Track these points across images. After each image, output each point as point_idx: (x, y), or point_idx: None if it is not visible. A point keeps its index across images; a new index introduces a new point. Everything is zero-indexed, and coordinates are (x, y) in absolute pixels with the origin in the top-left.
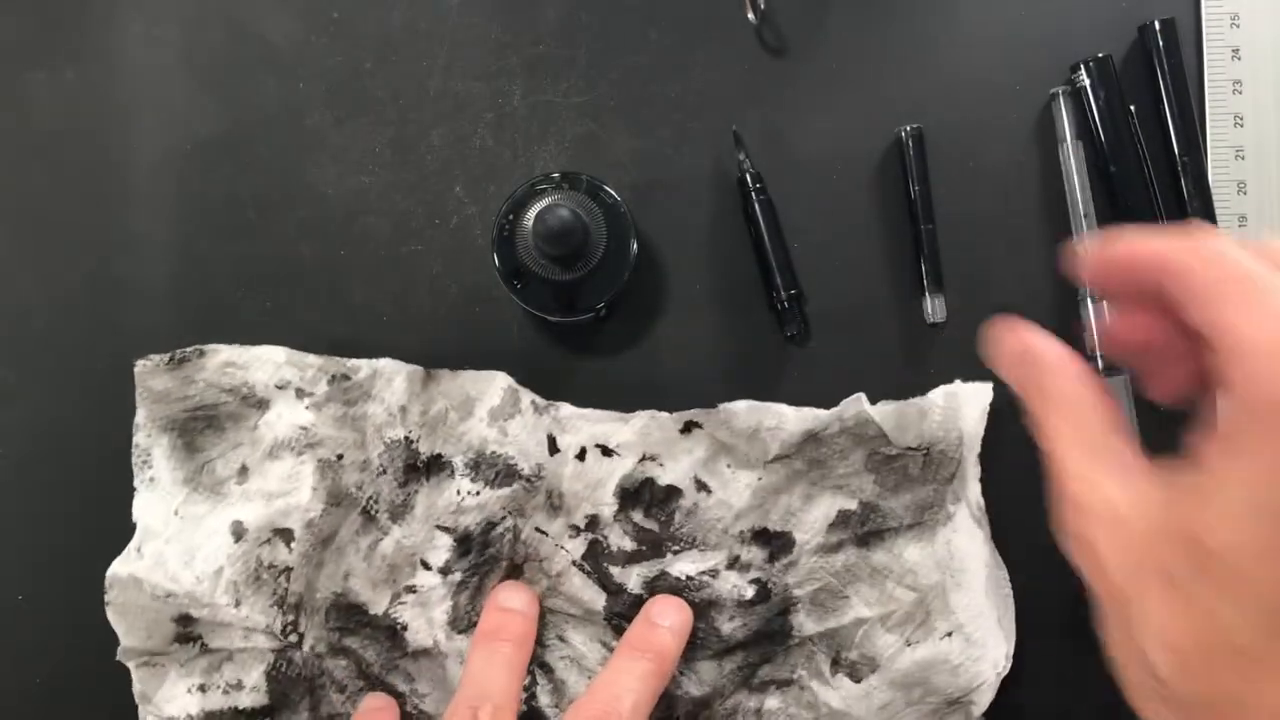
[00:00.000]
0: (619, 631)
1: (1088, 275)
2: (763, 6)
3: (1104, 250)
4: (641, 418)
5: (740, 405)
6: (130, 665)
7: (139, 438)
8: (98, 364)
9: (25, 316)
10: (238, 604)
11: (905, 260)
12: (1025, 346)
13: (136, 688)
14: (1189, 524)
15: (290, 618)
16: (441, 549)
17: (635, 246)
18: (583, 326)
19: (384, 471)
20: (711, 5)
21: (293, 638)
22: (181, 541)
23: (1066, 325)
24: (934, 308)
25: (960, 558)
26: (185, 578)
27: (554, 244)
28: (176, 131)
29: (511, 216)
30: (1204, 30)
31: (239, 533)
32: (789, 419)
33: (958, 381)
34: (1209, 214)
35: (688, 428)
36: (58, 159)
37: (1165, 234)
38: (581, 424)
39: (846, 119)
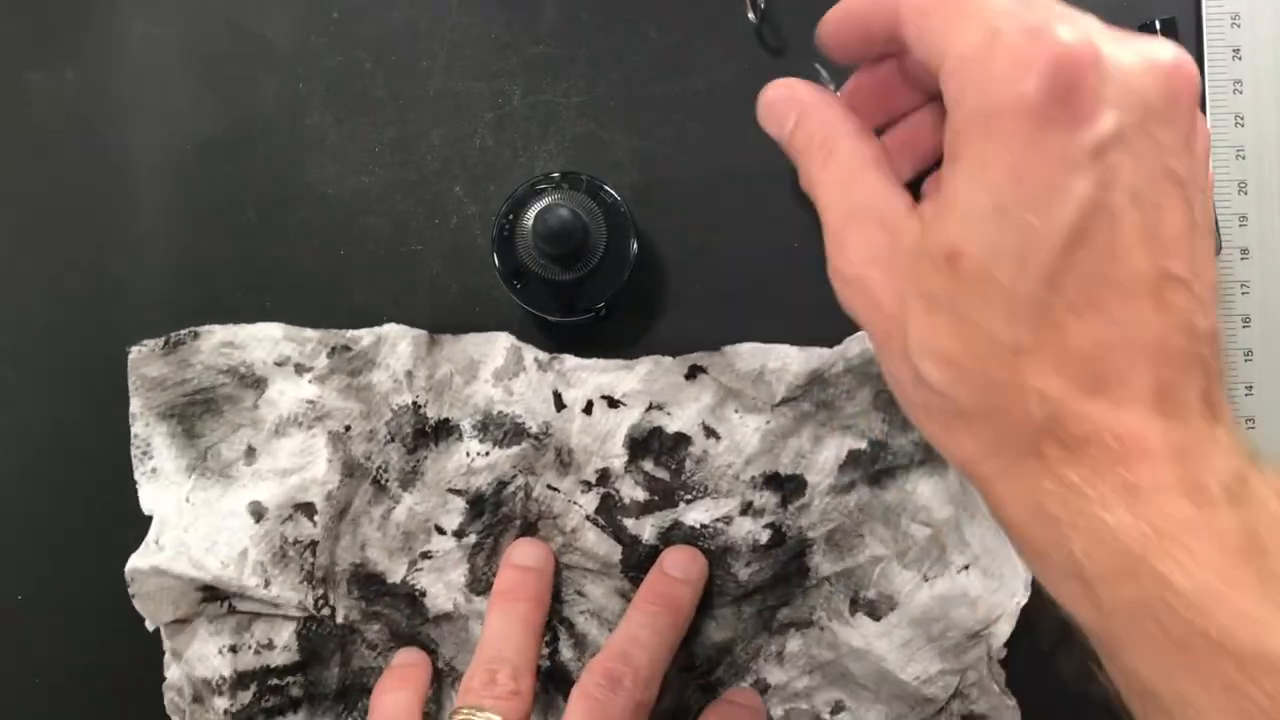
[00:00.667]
0: (636, 583)
1: (826, 35)
2: (763, 6)
3: (838, 10)
4: (646, 364)
5: (744, 347)
6: (161, 627)
7: (137, 427)
8: (97, 364)
9: (25, 316)
10: (267, 584)
11: None
12: (790, 94)
13: (167, 645)
14: (940, 241)
15: (320, 591)
16: (454, 512)
17: (635, 246)
18: (583, 326)
19: (392, 439)
20: (711, 5)
21: (325, 611)
22: (199, 528)
23: None
24: None
25: (972, 491)
26: (210, 564)
27: (554, 244)
28: (176, 131)
29: (511, 216)
30: (1204, 30)
31: (259, 512)
32: (793, 359)
33: None
34: (1209, 214)
35: (692, 373)
36: (58, 159)
37: None
38: (586, 375)
39: None
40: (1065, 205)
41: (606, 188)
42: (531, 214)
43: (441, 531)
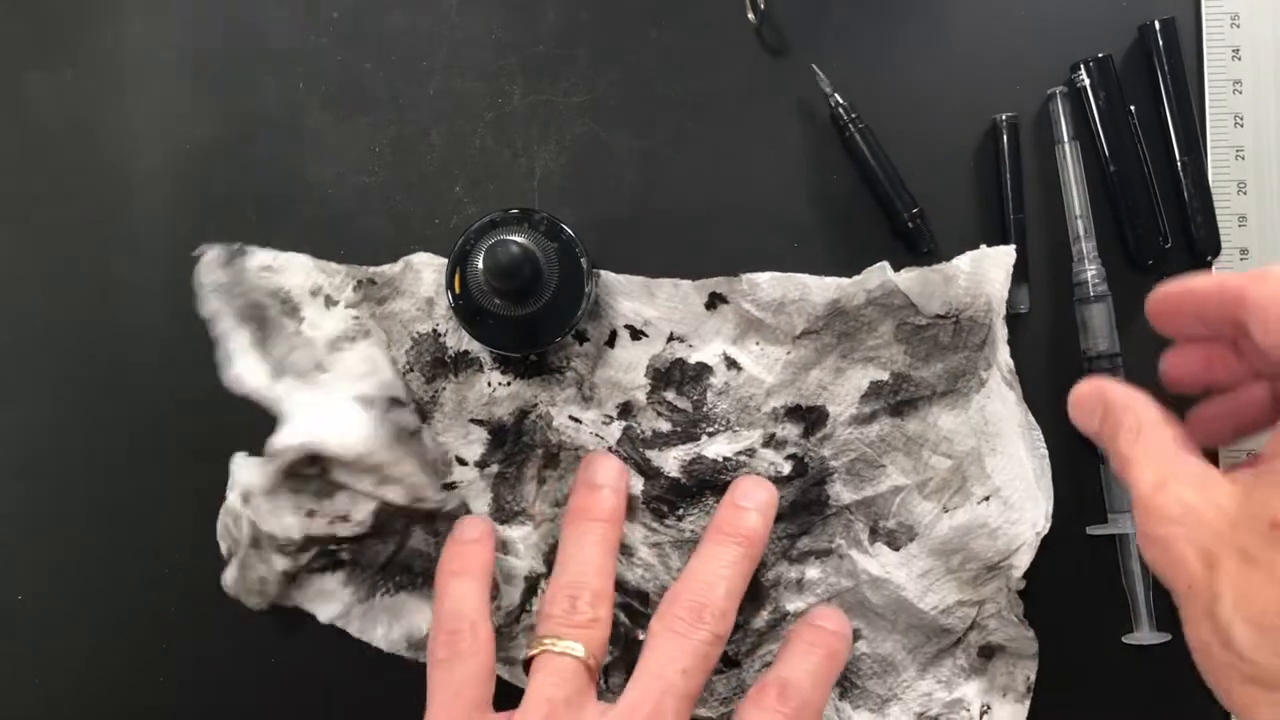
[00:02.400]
0: (659, 515)
1: (1158, 313)
2: (763, 6)
3: (1174, 287)
4: (665, 287)
5: (763, 276)
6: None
7: (220, 324)
8: (97, 365)
9: (25, 316)
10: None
11: (905, 259)
12: (1098, 392)
13: (236, 468)
14: (1265, 507)
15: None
16: (475, 443)
17: (591, 286)
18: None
19: (410, 369)
20: (711, 5)
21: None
22: (316, 412)
23: (1058, 322)
24: (1020, 297)
25: (995, 422)
26: (333, 445)
27: (503, 279)
28: (176, 131)
29: (467, 251)
30: (1204, 30)
31: (368, 402)
32: (812, 289)
33: (982, 246)
34: (1209, 214)
35: (713, 302)
36: (58, 159)
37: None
38: (607, 303)
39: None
40: None
41: (565, 227)
42: (482, 249)
43: (463, 462)
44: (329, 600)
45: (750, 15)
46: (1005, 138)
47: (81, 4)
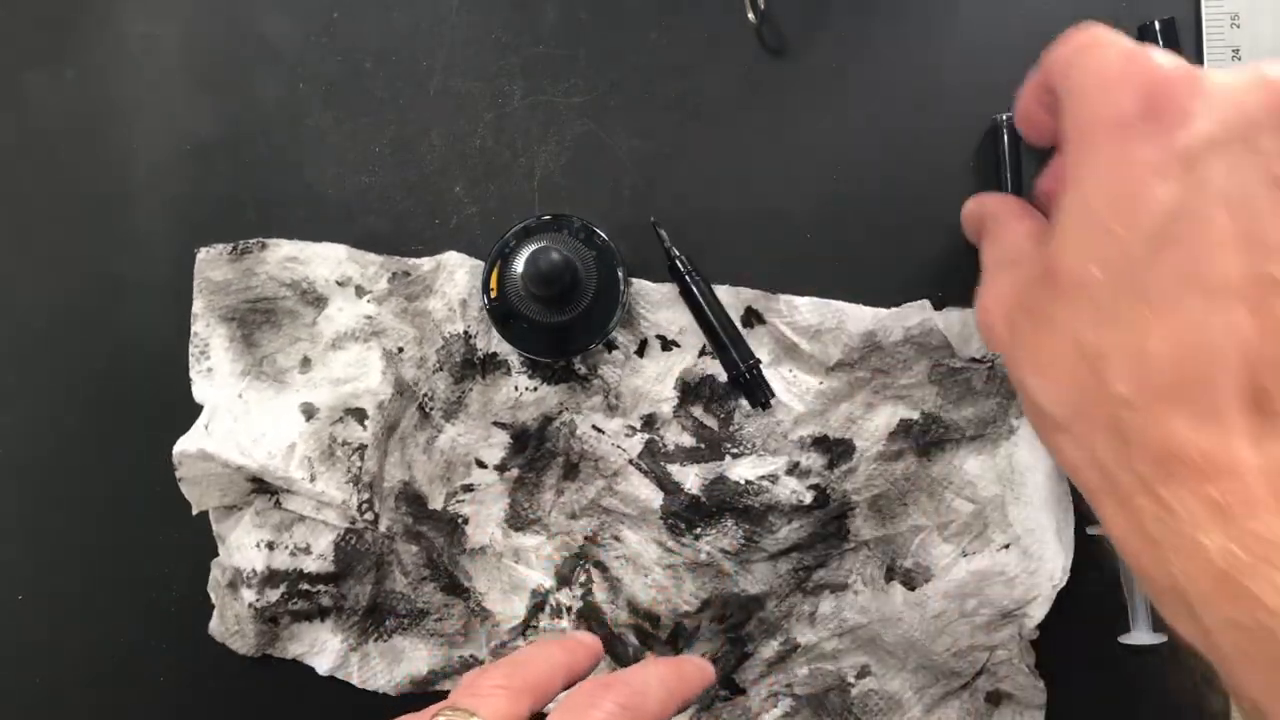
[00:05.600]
0: (674, 531)
1: (1020, 121)
2: (763, 6)
3: (1018, 102)
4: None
5: (802, 300)
6: (209, 511)
7: (198, 326)
8: (97, 365)
9: (25, 316)
10: (313, 479)
11: (904, 259)
12: (977, 204)
13: (215, 528)
14: (1045, 259)
15: (365, 496)
16: (497, 446)
17: (625, 291)
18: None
19: (440, 368)
20: (711, 5)
21: (368, 516)
22: (250, 421)
23: None
24: None
25: (1021, 471)
26: (257, 453)
27: (544, 286)
28: (176, 131)
29: (502, 258)
30: (1204, 30)
31: (310, 412)
32: (849, 318)
33: None
34: None
35: (749, 319)
36: (58, 159)
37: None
38: (640, 312)
39: (847, 119)
40: (1149, 210)
41: (597, 230)
42: (522, 257)
43: (482, 465)
44: (322, 651)
45: (750, 15)
46: (1005, 138)
47: (81, 4)
